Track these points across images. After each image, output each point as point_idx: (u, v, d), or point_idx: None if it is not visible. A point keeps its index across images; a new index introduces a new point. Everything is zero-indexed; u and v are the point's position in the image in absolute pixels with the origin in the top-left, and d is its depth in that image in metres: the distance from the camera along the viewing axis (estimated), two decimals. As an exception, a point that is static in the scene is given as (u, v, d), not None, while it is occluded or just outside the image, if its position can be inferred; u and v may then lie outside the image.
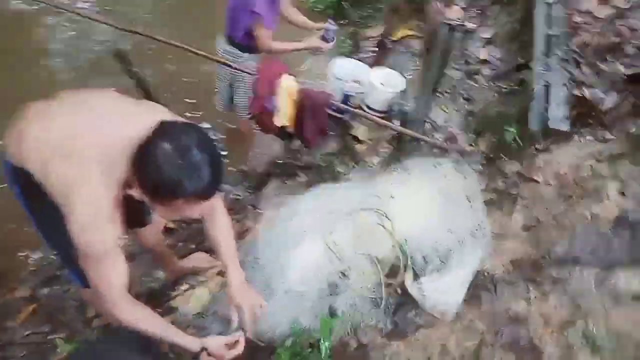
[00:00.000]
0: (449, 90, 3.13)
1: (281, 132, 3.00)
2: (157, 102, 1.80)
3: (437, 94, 3.05)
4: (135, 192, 1.29)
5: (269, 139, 3.41)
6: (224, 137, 3.87)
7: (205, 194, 1.26)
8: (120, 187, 1.37)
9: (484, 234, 1.98)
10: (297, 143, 3.25)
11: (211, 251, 2.70)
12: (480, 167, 2.45)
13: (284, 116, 2.80)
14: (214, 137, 1.34)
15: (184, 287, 2.55)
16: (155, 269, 2.76)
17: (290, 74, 2.80)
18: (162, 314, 2.40)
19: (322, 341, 1.65)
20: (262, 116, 2.82)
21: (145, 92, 2.94)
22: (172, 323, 2.33)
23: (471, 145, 2.70)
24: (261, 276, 2.02)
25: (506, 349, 1.65)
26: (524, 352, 1.63)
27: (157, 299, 2.50)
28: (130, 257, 2.87)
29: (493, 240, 1.99)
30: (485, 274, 1.90)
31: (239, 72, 2.99)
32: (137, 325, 1.42)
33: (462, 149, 2.61)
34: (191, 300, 2.41)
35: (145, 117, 1.45)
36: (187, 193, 1.21)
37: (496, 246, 1.97)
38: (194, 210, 1.30)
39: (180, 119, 1.39)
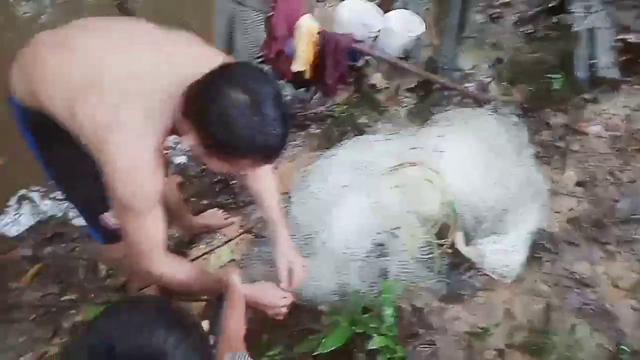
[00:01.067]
0: (473, 35, 2.93)
1: (296, 80, 2.75)
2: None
3: (462, 39, 2.86)
4: (188, 141, 1.09)
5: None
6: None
7: (274, 155, 1.13)
8: (165, 134, 1.17)
9: (539, 190, 1.86)
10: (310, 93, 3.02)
11: (225, 207, 2.54)
12: (519, 118, 2.31)
13: (301, 61, 2.55)
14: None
15: (203, 246, 2.38)
16: (168, 225, 2.57)
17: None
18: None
19: (384, 307, 1.52)
20: (278, 61, 2.56)
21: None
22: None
23: (505, 94, 2.54)
24: (300, 236, 1.85)
25: (577, 313, 1.57)
26: (596, 317, 1.55)
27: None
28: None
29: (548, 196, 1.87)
30: (543, 232, 1.79)
31: (245, 6, 2.67)
32: (176, 277, 1.33)
33: (496, 99, 2.45)
34: (213, 261, 2.24)
35: (195, 52, 1.23)
36: (258, 154, 1.07)
37: (551, 203, 1.86)
38: (254, 169, 1.16)
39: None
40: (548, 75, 2.22)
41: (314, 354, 1.52)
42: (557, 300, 1.61)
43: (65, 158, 1.38)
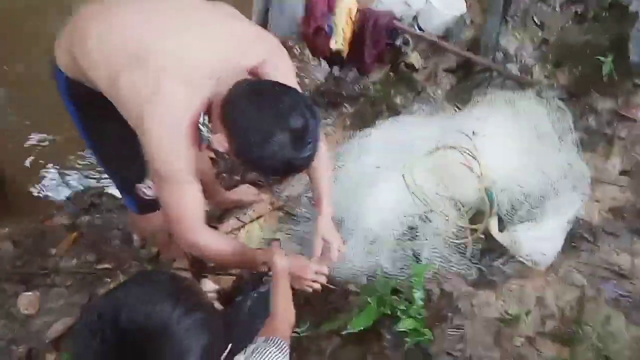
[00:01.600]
0: (518, 15, 2.81)
1: (332, 57, 2.72)
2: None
3: (507, 19, 2.75)
4: (218, 142, 1.17)
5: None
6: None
7: (302, 168, 1.23)
8: (201, 110, 1.20)
9: (580, 177, 1.79)
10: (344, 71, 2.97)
11: (255, 183, 2.56)
12: (563, 103, 2.22)
13: (340, 38, 2.51)
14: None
15: (232, 221, 2.41)
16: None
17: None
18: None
19: (414, 289, 1.51)
20: (316, 38, 2.53)
21: None
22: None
23: (548, 77, 2.45)
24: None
25: (612, 305, 1.52)
26: (633, 309, 1.50)
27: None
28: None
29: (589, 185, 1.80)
30: (582, 221, 1.73)
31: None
32: (216, 247, 1.36)
33: (538, 82, 2.36)
34: (243, 237, 2.27)
35: (238, 32, 1.24)
36: (284, 175, 1.29)
37: (593, 192, 1.79)
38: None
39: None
40: (597, 57, 2.11)
41: (341, 333, 1.54)
42: (592, 290, 1.57)
43: (104, 128, 1.43)
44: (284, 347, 1.04)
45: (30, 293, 2.37)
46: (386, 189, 1.85)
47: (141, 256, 2.43)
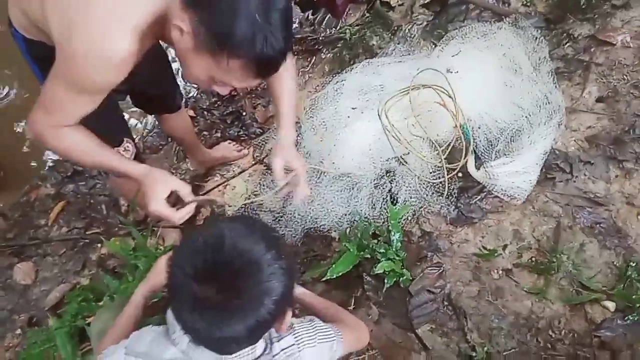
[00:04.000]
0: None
1: (302, 1, 2.62)
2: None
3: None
4: (178, 35, 0.99)
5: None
6: None
7: (267, 69, 1.03)
8: (145, 37, 1.07)
9: (556, 108, 1.77)
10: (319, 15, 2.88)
11: (237, 139, 2.54)
12: (539, 31, 2.16)
13: (308, -20, 2.41)
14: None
15: (217, 178, 2.41)
16: (181, 161, 2.61)
17: None
18: (198, 207, 2.32)
19: (392, 232, 1.53)
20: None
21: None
22: (212, 215, 2.26)
23: (526, 5, 2.37)
24: (308, 163, 1.85)
25: (587, 232, 1.55)
26: (607, 235, 1.53)
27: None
28: (155, 148, 2.72)
29: (565, 114, 1.79)
30: (557, 152, 1.73)
31: None
32: (64, 142, 1.21)
33: (515, 11, 2.29)
34: (228, 193, 2.28)
35: None
36: (252, 59, 0.97)
37: (568, 122, 1.78)
38: (238, 82, 1.04)
39: None
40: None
41: (325, 279, 1.57)
42: (568, 220, 1.59)
43: None
44: (332, 339, 1.06)
45: (25, 263, 2.41)
46: (362, 130, 1.84)
47: (129, 220, 2.45)
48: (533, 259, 1.54)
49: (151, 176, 1.23)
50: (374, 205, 1.76)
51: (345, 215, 1.77)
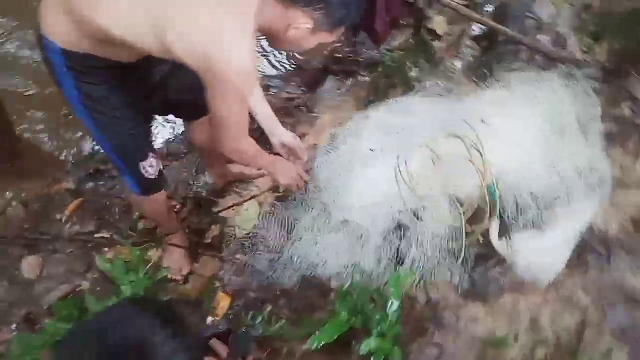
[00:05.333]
0: (560, -26, 2.45)
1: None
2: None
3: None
4: (293, 28, 1.24)
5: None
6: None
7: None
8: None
9: (602, 179, 1.56)
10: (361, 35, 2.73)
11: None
12: (597, 85, 1.93)
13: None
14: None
15: (233, 196, 2.33)
16: (200, 173, 2.55)
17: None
18: (210, 223, 2.25)
19: (390, 301, 1.37)
20: None
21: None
22: (221, 235, 2.18)
23: (585, 51, 2.13)
24: (318, 201, 1.73)
25: (617, 336, 1.33)
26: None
27: (204, 205, 2.33)
28: (177, 156, 2.67)
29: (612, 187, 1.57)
30: (596, 231, 1.51)
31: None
32: (254, 154, 1.54)
33: (573, 58, 2.06)
34: (241, 214, 2.18)
35: None
36: (353, 23, 1.31)
37: (614, 197, 1.56)
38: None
39: None
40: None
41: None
42: (596, 316, 1.38)
43: (107, 103, 1.38)
44: None
45: (34, 257, 2.41)
46: (378, 176, 1.68)
47: (139, 228, 2.41)
48: (548, 357, 1.34)
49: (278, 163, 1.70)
50: (380, 260, 1.61)
51: (348, 266, 1.63)
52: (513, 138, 1.70)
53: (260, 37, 1.39)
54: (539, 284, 1.46)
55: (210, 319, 1.71)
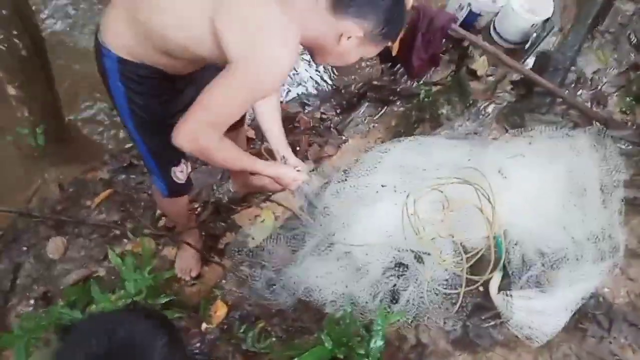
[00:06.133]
0: (612, 30, 2.40)
1: (383, 53, 2.51)
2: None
3: (595, 33, 2.36)
4: (346, 39, 1.22)
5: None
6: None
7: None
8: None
9: (615, 247, 1.51)
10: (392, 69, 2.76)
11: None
12: (630, 147, 1.87)
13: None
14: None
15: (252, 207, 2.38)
16: (225, 181, 2.62)
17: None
18: (225, 229, 2.31)
19: (374, 339, 1.38)
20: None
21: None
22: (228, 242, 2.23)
23: (624, 112, 2.07)
24: (324, 229, 1.74)
25: (605, 412, 1.28)
26: None
27: (222, 212, 2.39)
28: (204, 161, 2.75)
29: (624, 257, 1.51)
30: (601, 299, 1.46)
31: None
32: (222, 156, 1.37)
33: (609, 117, 2.01)
34: (256, 225, 2.22)
35: None
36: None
37: (626, 267, 1.50)
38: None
39: None
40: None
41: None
42: (587, 388, 1.33)
43: (150, 107, 1.43)
44: None
45: (59, 238, 2.53)
46: (386, 213, 1.69)
47: (158, 225, 2.49)
48: None
49: (282, 170, 1.54)
50: (376, 295, 1.61)
51: (343, 295, 1.64)
52: (529, 192, 1.67)
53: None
54: (532, 343, 1.42)
55: (204, 326, 1.75)
